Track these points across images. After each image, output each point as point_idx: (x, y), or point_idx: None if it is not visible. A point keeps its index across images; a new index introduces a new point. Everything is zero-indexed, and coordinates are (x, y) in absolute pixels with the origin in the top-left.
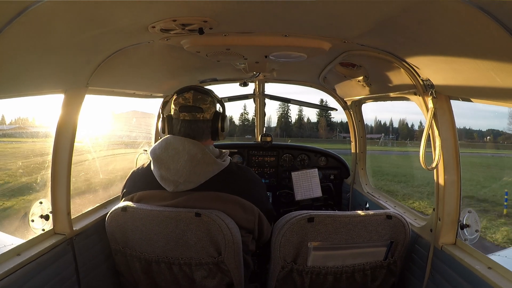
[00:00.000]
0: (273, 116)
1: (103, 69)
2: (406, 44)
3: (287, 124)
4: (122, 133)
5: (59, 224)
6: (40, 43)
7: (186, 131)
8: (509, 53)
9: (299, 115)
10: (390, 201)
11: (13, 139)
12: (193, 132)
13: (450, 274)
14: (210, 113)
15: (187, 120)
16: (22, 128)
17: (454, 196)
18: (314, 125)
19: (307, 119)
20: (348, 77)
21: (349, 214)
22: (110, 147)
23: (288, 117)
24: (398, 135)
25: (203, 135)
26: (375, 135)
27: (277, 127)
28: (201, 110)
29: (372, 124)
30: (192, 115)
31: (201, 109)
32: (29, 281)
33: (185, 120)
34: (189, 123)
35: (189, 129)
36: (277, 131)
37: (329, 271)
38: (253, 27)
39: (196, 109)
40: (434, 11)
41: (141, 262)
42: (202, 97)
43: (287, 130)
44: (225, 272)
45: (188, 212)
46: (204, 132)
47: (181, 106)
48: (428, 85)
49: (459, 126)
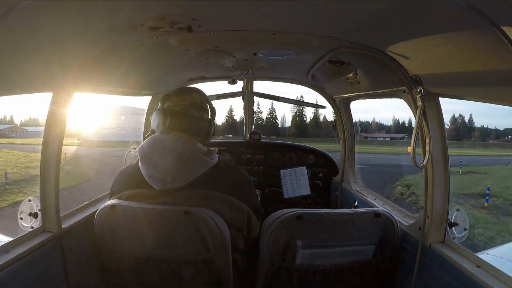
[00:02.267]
0: (288, 115)
1: (91, 67)
2: (395, 41)
3: (302, 123)
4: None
5: (48, 222)
6: (28, 42)
7: (175, 126)
8: (498, 51)
9: (315, 113)
10: (378, 199)
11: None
12: (189, 128)
13: (438, 272)
14: (200, 113)
15: (178, 116)
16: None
17: (443, 195)
18: (330, 124)
19: (323, 117)
20: (337, 74)
21: (338, 212)
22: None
23: (303, 116)
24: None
25: (197, 132)
26: (397, 135)
27: (291, 126)
28: (202, 109)
29: (390, 124)
30: (181, 114)
31: (192, 107)
32: (17, 278)
33: (175, 117)
34: (178, 120)
35: (184, 125)
36: (292, 131)
37: (318, 269)
38: (242, 24)
39: (196, 105)
40: (423, 8)
41: (130, 260)
42: (200, 97)
43: (302, 130)
44: (214, 270)
45: (177, 210)
46: (198, 130)
47: (170, 105)
48: (416, 83)
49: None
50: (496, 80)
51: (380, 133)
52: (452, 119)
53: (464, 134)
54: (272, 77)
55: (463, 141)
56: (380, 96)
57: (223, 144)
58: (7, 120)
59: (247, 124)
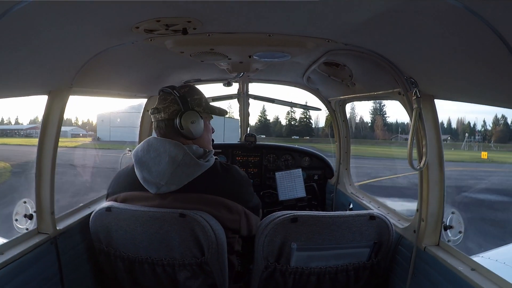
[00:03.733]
0: (321, 115)
1: (87, 69)
2: (390, 43)
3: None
4: None
5: (43, 223)
6: (24, 44)
7: (161, 131)
8: (495, 53)
9: (351, 113)
10: (373, 201)
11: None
12: (161, 131)
13: (433, 275)
14: (168, 112)
15: (157, 120)
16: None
17: (438, 197)
18: (366, 125)
19: (360, 118)
20: (332, 76)
21: (333, 215)
22: None
23: None
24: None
25: (168, 134)
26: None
27: (326, 127)
28: (157, 111)
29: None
30: (154, 116)
31: (158, 109)
32: (11, 280)
33: (162, 122)
34: (156, 123)
35: (158, 128)
36: (327, 131)
37: (312, 271)
38: (237, 27)
39: (157, 110)
40: (418, 10)
41: (125, 262)
42: (164, 97)
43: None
44: (208, 273)
45: (172, 213)
46: (167, 130)
47: (154, 109)
48: (412, 84)
49: None
50: (492, 82)
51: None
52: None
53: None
54: (268, 79)
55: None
56: (375, 98)
57: (219, 147)
58: (37, 119)
59: (243, 126)
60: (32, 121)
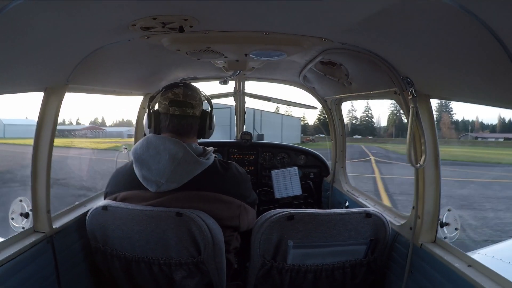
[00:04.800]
0: (383, 114)
1: (83, 67)
2: (386, 43)
3: (401, 122)
4: None
5: (39, 222)
6: (19, 41)
7: (175, 126)
8: (490, 52)
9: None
10: (369, 199)
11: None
12: (182, 127)
13: (430, 272)
14: (199, 110)
15: (177, 115)
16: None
17: (434, 195)
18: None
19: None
20: (328, 75)
21: (329, 212)
22: None
23: (401, 114)
24: None
25: (190, 131)
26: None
27: (389, 126)
28: (191, 106)
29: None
30: (182, 110)
31: (191, 104)
32: (8, 279)
33: (175, 115)
34: (178, 119)
35: (178, 125)
36: (391, 131)
37: (309, 269)
38: (234, 25)
39: (186, 104)
40: (414, 10)
41: (121, 261)
42: (192, 94)
43: (403, 129)
44: (204, 272)
45: (169, 212)
46: (192, 128)
47: (171, 100)
48: (408, 84)
49: None
50: (487, 81)
51: (484, 132)
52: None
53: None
54: (264, 77)
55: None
56: (371, 97)
57: (214, 145)
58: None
59: (239, 125)
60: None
